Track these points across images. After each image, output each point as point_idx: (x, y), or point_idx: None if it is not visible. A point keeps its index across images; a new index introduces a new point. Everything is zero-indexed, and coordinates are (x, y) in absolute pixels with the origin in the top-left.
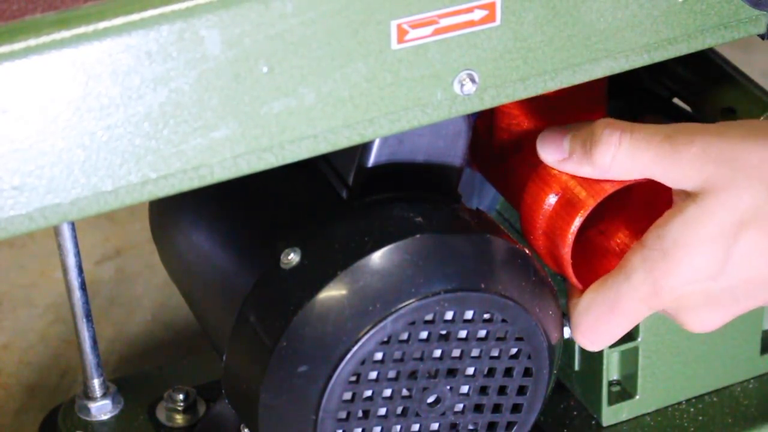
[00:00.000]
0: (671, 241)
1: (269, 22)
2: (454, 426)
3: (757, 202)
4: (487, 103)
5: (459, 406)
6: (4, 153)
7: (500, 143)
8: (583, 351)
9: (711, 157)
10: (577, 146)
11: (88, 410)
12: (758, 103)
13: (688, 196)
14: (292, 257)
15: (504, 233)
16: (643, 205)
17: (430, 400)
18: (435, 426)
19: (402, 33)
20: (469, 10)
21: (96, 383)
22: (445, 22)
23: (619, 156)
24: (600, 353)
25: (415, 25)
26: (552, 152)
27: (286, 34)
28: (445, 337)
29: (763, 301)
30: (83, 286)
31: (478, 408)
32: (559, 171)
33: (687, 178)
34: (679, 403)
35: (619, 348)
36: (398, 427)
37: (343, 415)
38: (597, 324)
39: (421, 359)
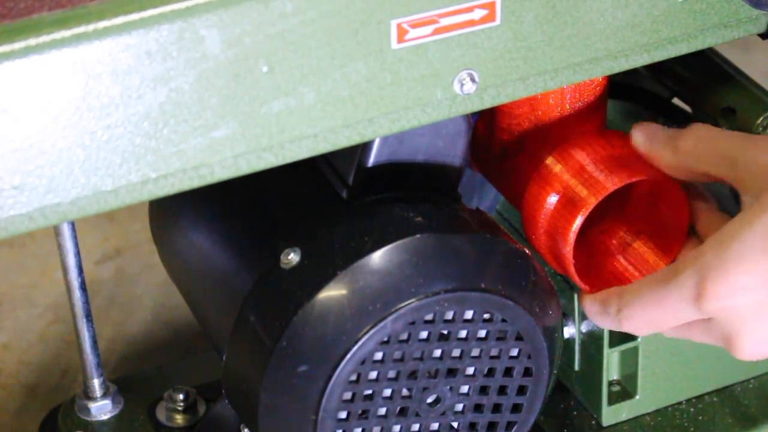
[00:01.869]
0: (726, 242)
1: (269, 22)
2: (453, 426)
3: None
4: (487, 103)
5: (459, 406)
6: (4, 153)
7: (501, 143)
8: (583, 351)
9: None
10: (664, 133)
11: (88, 410)
12: (758, 103)
13: (754, 200)
14: (292, 257)
15: (504, 233)
16: (643, 205)
17: (430, 400)
18: (435, 426)
19: (402, 32)
20: (469, 10)
21: (96, 383)
22: (445, 22)
23: (701, 142)
24: (600, 353)
25: (415, 25)
26: (642, 131)
27: (286, 34)
28: (445, 337)
29: None
30: (83, 286)
31: (478, 408)
32: (561, 170)
33: (752, 177)
34: (679, 403)
35: (619, 348)
36: (398, 427)
37: (343, 415)
38: (644, 313)
39: (421, 359)
